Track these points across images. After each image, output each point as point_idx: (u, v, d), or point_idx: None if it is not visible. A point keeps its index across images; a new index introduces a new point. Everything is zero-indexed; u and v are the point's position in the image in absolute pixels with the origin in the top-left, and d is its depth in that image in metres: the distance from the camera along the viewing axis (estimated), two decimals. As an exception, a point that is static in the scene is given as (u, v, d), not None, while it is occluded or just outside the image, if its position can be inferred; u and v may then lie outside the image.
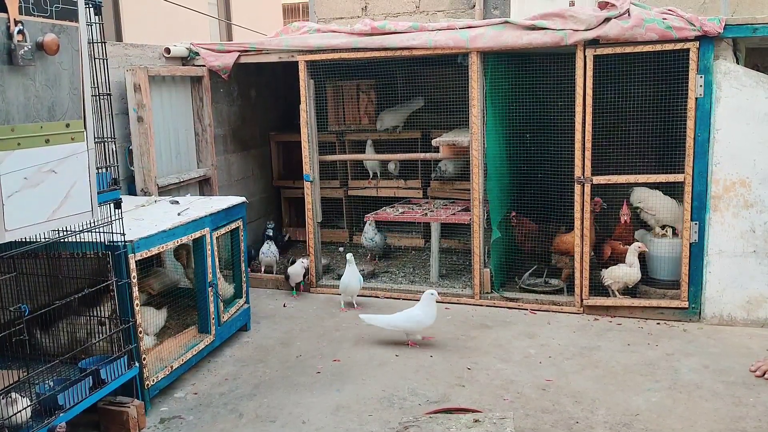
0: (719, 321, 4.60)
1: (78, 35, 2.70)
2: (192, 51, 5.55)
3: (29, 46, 2.45)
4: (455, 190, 6.26)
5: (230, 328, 4.50)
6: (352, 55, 5.16)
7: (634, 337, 4.48)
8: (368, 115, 6.59)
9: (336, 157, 6.26)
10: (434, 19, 6.80)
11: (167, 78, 5.22)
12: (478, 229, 5.10)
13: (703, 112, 4.46)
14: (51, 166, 2.61)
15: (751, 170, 4.42)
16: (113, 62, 4.77)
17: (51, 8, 2.56)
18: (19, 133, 2.47)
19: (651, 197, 5.02)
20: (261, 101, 6.79)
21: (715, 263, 4.56)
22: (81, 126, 2.76)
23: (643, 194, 5.07)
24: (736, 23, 4.37)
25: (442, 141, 5.36)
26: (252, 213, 6.51)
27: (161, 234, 3.73)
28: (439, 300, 5.10)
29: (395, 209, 5.96)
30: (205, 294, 4.18)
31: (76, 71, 2.71)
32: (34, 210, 2.58)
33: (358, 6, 7.27)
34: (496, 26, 4.85)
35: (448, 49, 4.89)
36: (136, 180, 4.90)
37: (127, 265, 3.46)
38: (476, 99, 4.94)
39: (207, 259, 4.14)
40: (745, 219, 4.47)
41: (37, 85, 2.52)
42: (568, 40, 4.58)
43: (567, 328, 4.66)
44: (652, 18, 4.44)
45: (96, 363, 3.36)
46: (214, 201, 4.58)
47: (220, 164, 5.96)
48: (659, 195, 4.98)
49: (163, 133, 5.18)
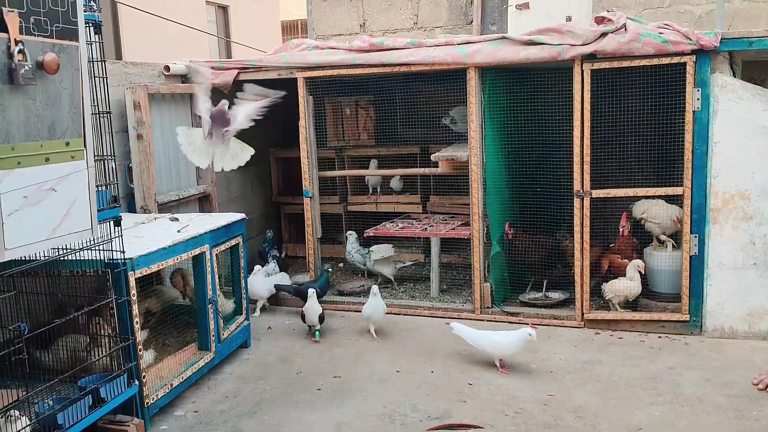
0: (721, 334, 4.59)
1: (78, 54, 2.72)
2: (191, 68, 5.57)
3: (30, 66, 2.47)
4: (455, 205, 6.26)
5: (230, 345, 4.49)
6: (350, 71, 5.19)
7: (636, 350, 4.46)
8: (367, 131, 6.61)
9: (335, 173, 6.27)
10: (432, 34, 6.85)
11: (167, 95, 5.24)
12: (477, 244, 5.10)
13: (701, 125, 4.47)
14: (51, 184, 2.61)
15: (749, 183, 4.43)
16: (113, 80, 4.79)
17: (51, 28, 2.58)
18: (19, 152, 2.47)
19: (654, 206, 5.00)
20: (260, 118, 6.79)
21: (716, 276, 4.55)
22: (81, 144, 2.76)
23: (646, 204, 5.05)
24: (732, 37, 4.40)
25: (441, 156, 5.38)
26: (251, 229, 6.50)
27: (161, 251, 3.73)
28: (443, 316, 5.13)
29: (395, 224, 5.96)
30: (205, 311, 4.17)
31: (76, 90, 2.72)
32: (34, 228, 2.58)
33: (357, 22, 7.32)
34: (494, 42, 4.88)
35: (446, 64, 4.92)
36: (136, 197, 4.90)
37: (127, 282, 3.45)
38: (474, 114, 4.96)
39: (207, 276, 4.14)
40: (744, 231, 4.47)
41: (38, 104, 2.54)
42: (566, 54, 4.61)
43: (568, 342, 4.65)
44: (649, 32, 4.47)
45: (96, 381, 3.34)
46: (214, 218, 4.59)
47: (219, 181, 5.96)
48: (662, 203, 4.96)
49: (162, 150, 5.19)
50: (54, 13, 2.59)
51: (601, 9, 6.28)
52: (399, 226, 5.85)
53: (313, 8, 7.49)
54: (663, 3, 6.29)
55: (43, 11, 2.54)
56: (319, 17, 7.47)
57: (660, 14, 6.25)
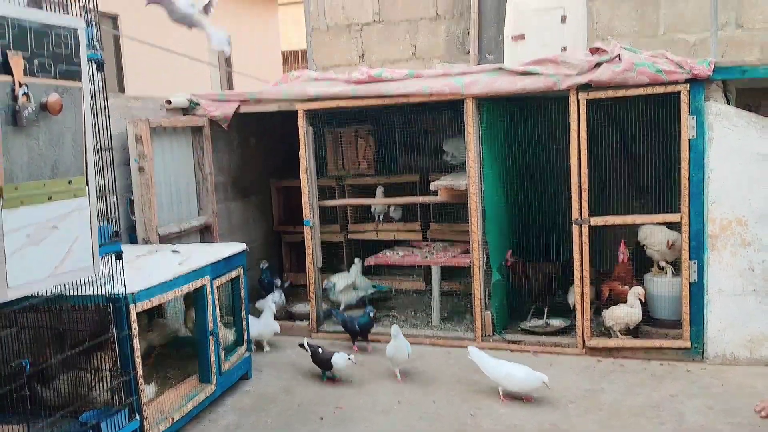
0: (722, 360, 4.58)
1: (81, 95, 2.78)
2: (192, 101, 5.65)
3: (33, 107, 2.52)
4: (455, 232, 6.29)
5: (231, 376, 4.48)
6: (350, 102, 5.26)
7: (638, 378, 4.45)
8: (367, 160, 6.67)
9: (336, 202, 6.31)
10: (430, 65, 6.94)
11: (168, 128, 5.31)
12: (478, 272, 5.12)
13: (697, 152, 4.52)
14: (53, 222, 2.65)
15: (746, 209, 4.45)
16: (115, 114, 4.85)
17: (55, 69, 2.64)
18: (22, 192, 2.52)
19: (657, 232, 5.02)
20: (261, 148, 6.88)
21: (716, 302, 4.56)
22: (83, 182, 2.81)
23: (647, 230, 5.08)
24: (725, 66, 4.47)
25: (440, 185, 5.42)
26: (252, 259, 6.52)
27: (162, 285, 3.75)
28: (444, 345, 5.12)
29: (395, 252, 5.98)
30: (206, 343, 4.17)
31: (79, 129, 2.77)
32: (37, 266, 2.61)
33: (356, 53, 7.43)
34: (491, 72, 4.95)
35: (444, 95, 4.98)
36: (138, 229, 4.94)
37: (128, 316, 3.47)
38: (472, 143, 5.01)
39: (208, 308, 4.15)
40: (743, 258, 4.48)
41: (41, 144, 2.58)
42: (561, 84, 4.67)
43: (570, 370, 4.64)
44: (643, 62, 4.53)
45: (97, 416, 3.34)
46: (215, 249, 4.61)
47: (220, 211, 6.01)
48: (663, 229, 4.98)
49: (164, 182, 5.24)
50: (58, 55, 2.65)
51: (596, 38, 6.37)
52: (399, 255, 5.88)
53: (312, 39, 7.60)
54: (657, 31, 6.39)
55: (47, 53, 2.60)
56: (319, 48, 7.57)
57: (655, 42, 6.33)
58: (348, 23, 7.43)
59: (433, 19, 7.10)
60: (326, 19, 7.50)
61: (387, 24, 7.27)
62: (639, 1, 6.41)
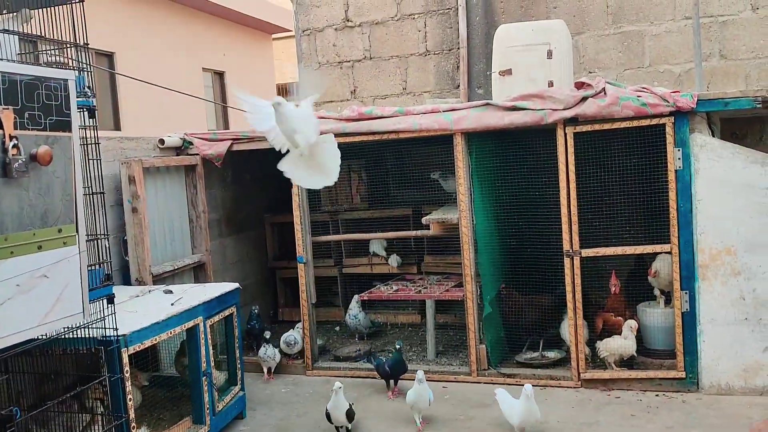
0: (717, 390, 4.57)
1: (71, 144, 2.82)
2: (186, 141, 5.72)
3: (23, 159, 2.56)
4: (449, 265, 6.31)
5: (225, 417, 4.46)
6: (341, 139, 5.27)
7: (633, 410, 4.44)
8: (360, 194, 6.72)
9: (329, 238, 6.34)
10: (421, 99, 7.03)
11: (161, 168, 5.36)
12: (471, 305, 5.13)
13: (684, 183, 4.57)
14: (43, 271, 2.67)
15: (735, 238, 4.49)
16: (108, 155, 4.92)
17: (45, 121, 2.69)
18: (12, 242, 2.55)
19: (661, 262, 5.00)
20: (255, 184, 6.93)
21: (709, 332, 4.56)
22: (73, 230, 2.84)
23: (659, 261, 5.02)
24: (708, 98, 4.54)
25: (432, 219, 5.46)
26: (247, 296, 6.52)
27: (154, 326, 3.76)
28: (440, 379, 5.10)
29: (389, 287, 5.99)
30: (200, 384, 4.16)
31: (69, 178, 2.81)
32: (26, 315, 2.63)
33: (348, 89, 7.53)
34: (479, 108, 5.03)
35: (433, 131, 5.05)
36: (131, 270, 4.96)
37: (120, 360, 3.47)
38: (462, 177, 5.06)
39: (201, 348, 4.15)
40: (734, 287, 4.51)
41: (31, 194, 2.62)
42: (548, 119, 4.74)
43: (565, 403, 4.62)
44: (627, 96, 4.61)
45: (88, 462, 3.32)
46: (208, 288, 4.63)
47: (214, 248, 6.03)
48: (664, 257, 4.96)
49: (157, 221, 5.27)
50: (48, 107, 2.71)
51: (582, 71, 6.48)
52: (393, 289, 5.89)
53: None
54: (643, 63, 6.50)
55: (38, 106, 2.66)
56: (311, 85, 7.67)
57: (640, 74, 6.44)
58: (339, 60, 7.54)
59: (423, 54, 7.22)
60: (318, 57, 7.62)
61: (377, 60, 7.39)
62: (624, 34, 6.53)
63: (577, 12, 6.64)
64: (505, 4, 6.84)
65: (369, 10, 7.36)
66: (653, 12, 6.45)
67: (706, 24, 6.20)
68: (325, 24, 7.55)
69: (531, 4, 6.76)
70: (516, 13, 6.78)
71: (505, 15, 6.82)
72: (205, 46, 14.57)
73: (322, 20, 7.56)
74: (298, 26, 7.72)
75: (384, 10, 7.31)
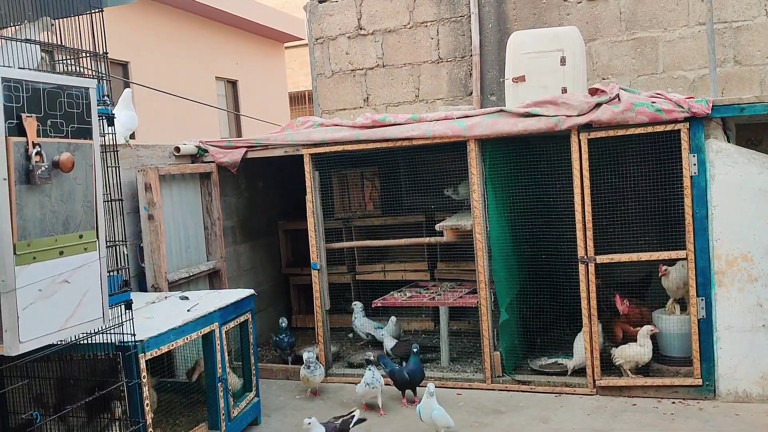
0: (735, 398, 4.53)
1: (92, 151, 2.87)
2: (201, 148, 5.76)
3: (46, 166, 2.60)
4: (462, 271, 6.30)
5: (240, 423, 4.48)
6: (354, 147, 5.34)
7: (650, 418, 4.41)
8: (373, 201, 6.74)
9: (343, 245, 6.36)
10: (433, 107, 7.05)
11: (177, 176, 5.41)
12: (486, 312, 5.12)
13: (699, 189, 4.55)
14: (64, 276, 2.71)
15: (752, 245, 4.46)
16: (125, 163, 4.97)
17: (67, 129, 2.73)
18: (34, 248, 2.58)
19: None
20: (269, 191, 6.98)
21: (725, 339, 4.53)
22: (93, 236, 2.88)
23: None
24: (723, 104, 4.52)
25: (446, 225, 5.46)
26: (261, 302, 6.56)
27: (171, 332, 3.79)
28: (454, 386, 5.08)
29: (403, 293, 5.99)
30: (215, 389, 4.18)
31: (90, 185, 2.85)
32: (48, 320, 2.66)
33: (360, 97, 7.57)
34: (492, 115, 5.04)
35: (447, 138, 5.06)
36: (147, 276, 4.99)
37: (137, 365, 3.50)
38: (476, 184, 5.07)
39: (216, 354, 4.18)
40: (750, 293, 4.47)
41: (53, 200, 2.66)
42: (562, 125, 4.74)
43: (581, 410, 4.60)
44: (642, 102, 4.60)
45: (106, 467, 3.35)
46: (223, 295, 4.65)
47: (229, 255, 6.07)
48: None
49: (173, 228, 5.32)
50: (69, 115, 2.75)
51: (596, 77, 6.48)
52: (407, 296, 5.89)
53: (318, 84, 7.76)
54: (657, 69, 6.49)
55: (60, 114, 2.70)
56: (324, 93, 7.73)
57: (654, 80, 6.43)
58: (352, 68, 7.59)
59: (436, 62, 7.25)
60: (331, 65, 7.67)
61: (390, 68, 7.43)
62: (637, 40, 6.53)
63: (590, 18, 6.65)
64: (518, 11, 6.86)
65: (382, 18, 7.40)
66: (667, 18, 6.45)
67: (720, 30, 6.19)
68: (338, 32, 7.60)
69: (543, 10, 6.78)
70: (529, 20, 6.80)
71: (518, 22, 6.84)
72: (218, 55, 14.69)
73: (335, 28, 7.62)
74: (310, 35, 7.79)
75: (397, 17, 7.35)
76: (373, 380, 4.70)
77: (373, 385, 4.70)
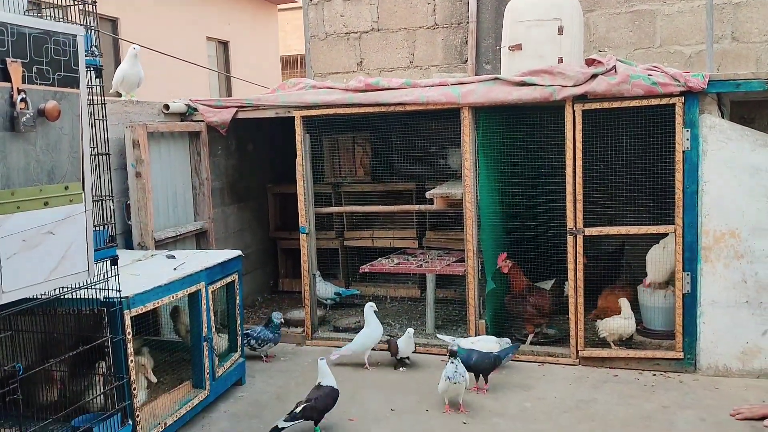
0: (715, 372, 4.60)
1: (79, 101, 2.80)
2: (190, 107, 5.67)
3: (31, 113, 2.53)
4: (451, 240, 6.31)
5: (225, 382, 4.49)
6: (347, 110, 5.28)
7: (631, 389, 4.47)
8: (363, 167, 6.69)
9: (332, 210, 6.33)
10: (428, 73, 6.98)
11: (165, 134, 5.33)
12: (472, 280, 5.14)
13: (691, 164, 4.55)
14: (49, 227, 2.66)
15: (740, 221, 4.48)
16: (113, 119, 4.88)
17: (53, 76, 2.66)
18: (18, 197, 2.53)
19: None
20: (258, 154, 6.90)
21: (709, 314, 4.58)
22: (79, 188, 2.82)
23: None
24: (719, 79, 4.50)
25: (436, 193, 5.44)
26: (248, 265, 6.54)
27: (157, 289, 3.76)
28: (438, 353, 5.12)
29: (391, 260, 6.00)
30: (200, 349, 4.18)
31: (76, 135, 2.79)
32: (32, 271, 2.62)
33: (354, 61, 7.46)
34: (487, 82, 4.98)
35: (441, 104, 5.01)
36: (134, 234, 4.95)
37: (122, 321, 3.47)
38: (468, 152, 5.04)
39: (202, 313, 4.16)
40: (736, 270, 4.51)
41: (38, 149, 2.60)
42: (557, 95, 4.70)
43: (563, 380, 4.65)
44: (638, 74, 4.57)
45: (89, 421, 3.34)
46: (210, 255, 4.62)
47: (217, 217, 6.02)
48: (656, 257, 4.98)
49: (160, 187, 5.25)
50: (56, 62, 2.67)
51: (592, 49, 6.42)
52: (395, 262, 5.89)
53: (311, 47, 7.64)
54: (654, 43, 6.44)
55: (46, 60, 2.62)
56: (317, 56, 7.61)
57: (651, 54, 6.38)
58: (346, 31, 7.47)
59: (432, 28, 7.15)
60: (325, 27, 7.55)
61: (385, 32, 7.32)
62: (635, 13, 6.46)
63: (589, -11, 6.57)
64: (517, -22, 6.75)
65: (378, -20, 7.28)
66: (666, -9, 6.38)
67: (719, 5, 6.14)
68: (334, -6, 7.47)
69: (543, -21, 6.66)
70: (527, -11, 6.68)
71: (516, -10, 6.72)
72: (210, 15, 14.42)
73: (331, -10, 7.48)
74: (306, -5, 7.64)
75: (393, -19, 7.23)
76: (456, 374, 4.03)
77: (455, 380, 4.04)
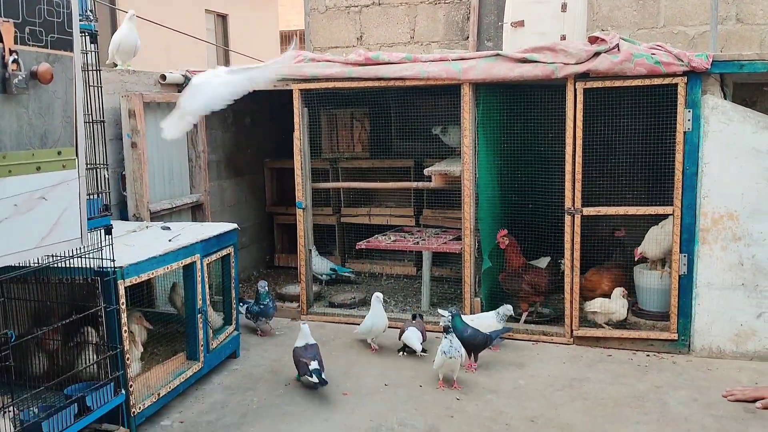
0: (708, 353, 4.61)
1: (72, 65, 2.74)
2: (188, 77, 5.59)
3: (23, 75, 2.48)
4: (447, 218, 6.28)
5: (219, 355, 4.48)
6: (346, 84, 5.22)
7: (624, 368, 4.47)
8: (362, 143, 6.64)
9: (329, 185, 6.29)
10: (429, 49, 6.90)
11: (162, 104, 5.26)
12: (469, 258, 5.12)
13: (692, 145, 4.51)
14: (42, 193, 2.62)
15: (738, 204, 4.46)
16: (109, 88, 4.82)
17: (46, 38, 2.60)
18: (10, 161, 2.49)
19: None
20: (255, 128, 6.85)
21: (704, 296, 4.58)
22: (73, 153, 2.78)
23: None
24: (723, 59, 4.44)
25: (435, 170, 5.41)
26: (244, 239, 6.52)
27: (151, 260, 3.73)
28: (433, 330, 5.12)
29: (387, 237, 5.97)
30: (195, 321, 4.17)
31: (70, 100, 2.74)
32: (24, 236, 2.59)
33: (354, 35, 7.37)
34: (488, 58, 4.92)
35: (441, 80, 4.95)
36: (129, 205, 4.91)
37: (116, 291, 3.45)
38: (468, 129, 4.99)
39: (197, 285, 4.14)
40: (733, 252, 4.50)
41: (30, 113, 2.55)
42: (559, 73, 4.64)
43: (557, 359, 4.66)
44: (641, 53, 4.51)
45: (82, 390, 3.34)
46: (206, 227, 4.59)
47: (213, 190, 5.98)
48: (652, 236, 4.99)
49: (156, 158, 5.20)
50: (50, 24, 2.61)
51: (595, 28, 6.34)
52: (391, 240, 5.87)
53: (310, 20, 7.54)
54: (657, 23, 6.36)
55: (39, 22, 2.56)
56: (317, 29, 7.51)
57: (654, 34, 6.31)
58: (347, 5, 7.37)
59: (433, 3, 7.05)
60: (325, 0, 7.44)
61: (386, 7, 7.22)
62: (640, -8, 6.38)
63: (594, -34, 6.47)
64: (521, -46, 6.64)
65: (380, -47, 7.16)
66: (671, -30, 6.30)
67: (724, -14, 6.06)
68: (334, -34, 7.36)
69: (547, -44, 6.56)
70: (531, -35, 6.58)
71: (520, -34, 6.62)
72: (208, -13, 14.23)
73: (331, -38, 7.36)
74: (306, -32, 7.52)
75: (395, -46, 7.12)
76: (451, 349, 4.02)
77: (450, 355, 4.03)
